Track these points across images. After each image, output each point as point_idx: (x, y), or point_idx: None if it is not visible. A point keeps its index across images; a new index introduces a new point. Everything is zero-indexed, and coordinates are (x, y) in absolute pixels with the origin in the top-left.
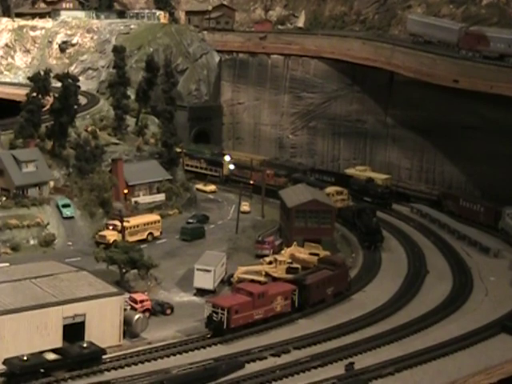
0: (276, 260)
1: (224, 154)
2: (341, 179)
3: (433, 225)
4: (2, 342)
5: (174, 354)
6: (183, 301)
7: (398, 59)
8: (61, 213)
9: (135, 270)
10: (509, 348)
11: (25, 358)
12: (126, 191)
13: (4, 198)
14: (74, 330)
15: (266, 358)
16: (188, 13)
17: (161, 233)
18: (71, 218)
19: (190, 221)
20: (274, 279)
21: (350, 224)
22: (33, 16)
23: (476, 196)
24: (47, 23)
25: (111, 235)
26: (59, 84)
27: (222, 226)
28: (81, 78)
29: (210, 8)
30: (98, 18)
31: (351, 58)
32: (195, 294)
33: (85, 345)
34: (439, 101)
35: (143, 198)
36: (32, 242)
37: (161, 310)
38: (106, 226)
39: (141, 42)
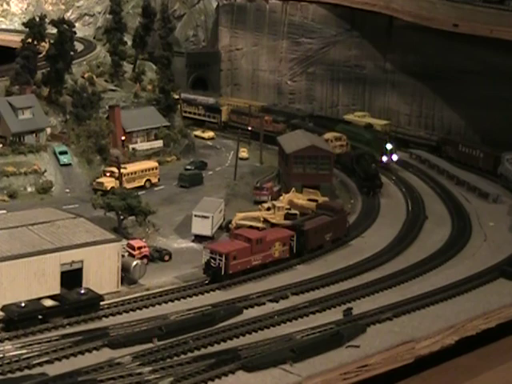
0: (274, 206)
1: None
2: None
3: (432, 170)
4: None
5: (172, 300)
6: (181, 247)
7: (397, 3)
8: (58, 160)
9: (133, 217)
10: (507, 293)
11: (22, 304)
12: (123, 138)
13: (1, 146)
14: (71, 277)
15: (264, 303)
16: None
17: (159, 179)
18: (68, 165)
19: (188, 167)
20: (273, 225)
21: (349, 170)
22: None
23: (475, 141)
24: None
25: (109, 182)
26: (55, 30)
27: (220, 173)
28: (77, 24)
29: None
30: None
31: (350, 3)
32: (193, 241)
33: (82, 291)
34: (439, 45)
35: (141, 145)
36: (29, 189)
37: (159, 256)
38: (104, 173)
39: None
